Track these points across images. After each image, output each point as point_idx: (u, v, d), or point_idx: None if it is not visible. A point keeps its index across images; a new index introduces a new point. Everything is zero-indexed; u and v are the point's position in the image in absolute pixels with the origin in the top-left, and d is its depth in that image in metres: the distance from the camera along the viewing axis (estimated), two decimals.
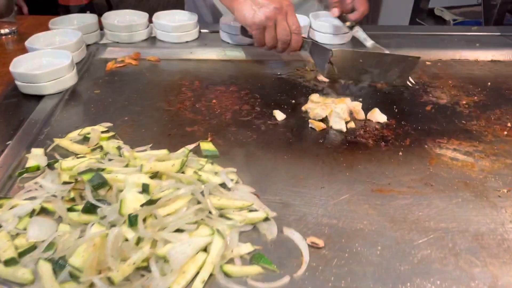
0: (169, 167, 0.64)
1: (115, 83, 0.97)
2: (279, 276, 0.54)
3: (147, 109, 0.88)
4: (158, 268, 0.52)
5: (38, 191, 0.64)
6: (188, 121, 0.84)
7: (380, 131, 0.83)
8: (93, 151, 0.72)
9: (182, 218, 0.57)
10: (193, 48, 1.11)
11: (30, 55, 0.91)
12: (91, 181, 0.60)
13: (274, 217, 0.62)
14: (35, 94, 0.87)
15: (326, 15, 1.18)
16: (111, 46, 1.10)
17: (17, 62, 0.88)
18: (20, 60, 0.89)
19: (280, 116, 0.86)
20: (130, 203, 0.57)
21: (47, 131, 0.79)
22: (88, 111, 0.87)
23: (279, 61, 1.09)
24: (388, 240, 0.59)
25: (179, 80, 0.99)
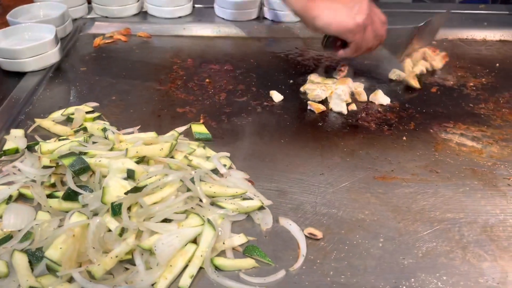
0: (157, 151, 0.60)
1: (102, 60, 0.91)
2: (274, 270, 0.50)
3: (136, 88, 0.83)
4: (143, 262, 0.48)
5: (16, 176, 0.60)
6: (180, 101, 0.79)
7: (383, 114, 0.78)
8: (76, 133, 0.67)
9: (170, 207, 0.52)
10: (186, 24, 1.05)
11: (11, 29, 0.86)
12: (72, 166, 0.56)
13: (270, 205, 0.58)
14: (16, 71, 0.82)
15: None
16: (99, 20, 1.04)
17: None
18: (1, 35, 0.84)
19: (277, 97, 0.81)
20: (113, 191, 0.53)
21: (28, 111, 0.74)
22: (73, 89, 0.81)
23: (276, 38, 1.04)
24: (391, 232, 0.56)
25: (170, 57, 0.94)
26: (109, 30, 1.00)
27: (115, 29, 1.01)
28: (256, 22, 1.08)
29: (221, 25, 1.06)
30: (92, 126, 0.67)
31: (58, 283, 0.46)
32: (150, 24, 1.05)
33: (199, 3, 1.14)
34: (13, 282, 0.46)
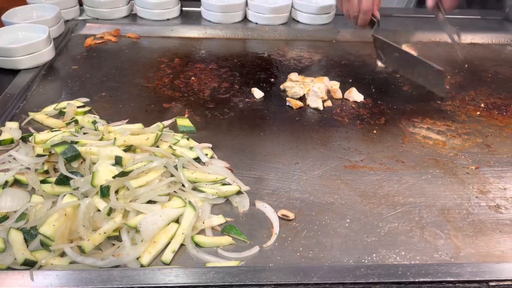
0: (143, 141, 0.64)
1: (93, 59, 0.96)
2: (249, 246, 0.55)
3: (125, 85, 0.87)
4: (129, 238, 0.53)
5: (11, 164, 0.64)
6: (166, 97, 0.84)
7: (356, 110, 0.84)
8: (68, 125, 0.72)
9: (154, 190, 0.57)
10: (174, 26, 1.10)
11: (6, 29, 0.90)
12: (64, 154, 0.60)
13: (247, 191, 0.63)
14: (10, 68, 0.86)
15: None
16: (90, 22, 1.09)
17: None
18: None
19: (258, 94, 0.86)
20: (102, 175, 0.57)
21: (22, 106, 0.79)
22: (65, 86, 0.86)
23: (259, 40, 1.09)
24: (357, 214, 0.61)
25: (158, 57, 0.99)
26: (100, 31, 1.05)
27: (106, 30, 1.06)
28: (240, 25, 1.13)
29: (207, 27, 1.11)
30: (83, 119, 0.72)
31: (51, 257, 0.51)
32: (139, 25, 1.10)
33: (187, 6, 1.19)
34: (9, 256, 0.51)
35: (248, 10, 1.14)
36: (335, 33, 1.12)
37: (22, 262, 0.49)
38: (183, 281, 0.48)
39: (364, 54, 1.05)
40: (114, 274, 0.48)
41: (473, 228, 0.60)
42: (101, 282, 0.47)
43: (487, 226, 0.60)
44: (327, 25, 1.15)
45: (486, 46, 1.13)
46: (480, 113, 0.85)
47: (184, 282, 0.48)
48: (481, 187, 0.67)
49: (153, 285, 0.48)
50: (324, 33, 1.12)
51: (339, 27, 1.14)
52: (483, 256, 0.56)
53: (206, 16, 1.14)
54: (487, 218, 0.61)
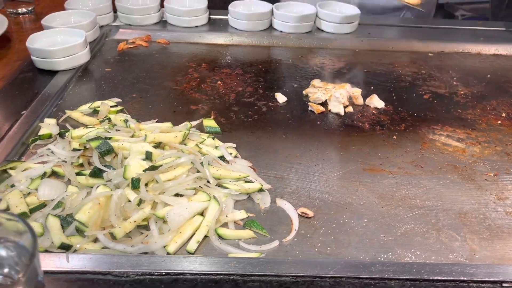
0: (172, 138, 0.68)
1: (125, 63, 1.01)
2: (269, 240, 0.58)
3: (155, 87, 0.92)
4: (157, 228, 0.56)
5: (49, 157, 0.69)
6: (193, 100, 0.88)
7: (377, 116, 0.86)
8: (101, 123, 0.76)
9: (181, 184, 0.61)
10: (202, 33, 1.15)
11: (46, 33, 0.96)
12: (98, 148, 0.65)
13: (269, 189, 0.66)
14: (49, 69, 0.91)
15: (333, 5, 1.21)
16: (123, 28, 1.14)
17: (33, 38, 0.93)
18: (36, 37, 0.94)
19: (281, 98, 0.89)
20: (133, 169, 0.61)
21: (59, 104, 0.84)
22: (99, 87, 0.91)
23: (284, 47, 1.13)
24: (375, 214, 0.63)
25: (186, 62, 1.03)
26: (132, 36, 1.10)
27: (137, 35, 1.11)
28: (266, 33, 1.17)
29: (234, 34, 1.15)
30: (115, 117, 0.77)
31: (84, 242, 0.55)
32: (169, 32, 1.14)
33: (215, 15, 1.23)
34: (47, 239, 0.55)
35: (274, 19, 1.18)
36: (358, 42, 1.15)
37: (58, 246, 0.53)
38: (206, 269, 0.51)
39: (386, 63, 1.07)
40: (143, 259, 0.52)
41: (489, 232, 0.61)
42: (130, 267, 0.51)
43: (504, 231, 0.61)
44: (351, 34, 1.18)
45: (509, 57, 1.13)
46: (501, 122, 0.85)
47: (207, 270, 0.51)
48: (499, 194, 0.68)
49: (179, 271, 0.51)
50: (347, 42, 1.15)
51: (362, 37, 1.16)
52: (498, 259, 0.57)
53: (233, 24, 1.18)
54: (504, 223, 0.62)
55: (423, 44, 1.15)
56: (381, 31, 1.21)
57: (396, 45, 1.14)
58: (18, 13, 1.22)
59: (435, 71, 1.04)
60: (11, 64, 0.94)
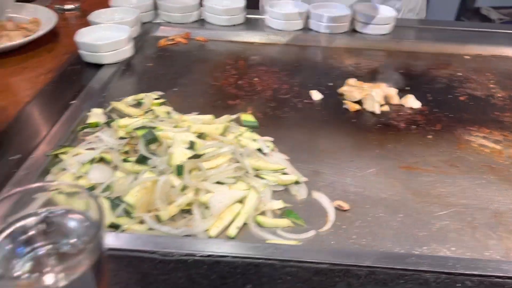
0: (214, 130, 0.71)
1: (166, 59, 1.05)
2: (306, 230, 0.60)
3: (195, 82, 0.95)
4: (199, 212, 0.59)
5: (97, 144, 0.73)
6: (231, 95, 0.91)
7: (412, 116, 0.87)
8: (145, 114, 0.80)
9: (223, 172, 0.63)
10: (239, 31, 1.18)
11: (92, 28, 1.01)
12: (144, 136, 0.68)
13: (305, 182, 0.68)
14: (95, 62, 0.96)
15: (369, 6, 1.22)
16: (163, 25, 1.18)
17: (81, 33, 0.98)
18: (84, 32, 0.99)
19: (317, 96, 0.91)
20: (177, 157, 0.64)
21: (105, 96, 0.88)
22: (141, 80, 0.95)
23: (319, 47, 1.14)
24: (410, 210, 0.64)
25: (224, 59, 1.06)
26: (172, 34, 1.14)
27: (177, 33, 1.15)
28: (301, 32, 1.19)
29: (270, 33, 1.17)
30: (158, 109, 0.80)
31: (132, 223, 0.58)
32: (207, 30, 1.18)
33: (252, 14, 1.26)
34: None
35: (309, 19, 1.20)
36: (393, 44, 1.15)
37: (109, 225, 0.57)
38: (246, 252, 0.53)
39: (421, 64, 1.07)
40: (186, 241, 0.55)
41: None
42: (175, 247, 0.54)
43: None
44: (387, 35, 1.18)
45: None
46: None
47: (248, 253, 0.53)
48: None
49: (221, 254, 0.53)
50: (384, 43, 1.15)
51: (399, 38, 1.16)
52: None
53: (269, 23, 1.20)
54: None
55: (459, 47, 1.14)
56: (417, 33, 1.21)
57: (432, 47, 1.14)
58: (64, 9, 1.28)
59: (472, 73, 1.04)
60: (60, 57, 1.00)
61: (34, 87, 0.87)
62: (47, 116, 0.79)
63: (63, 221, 0.40)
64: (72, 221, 0.40)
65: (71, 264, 0.35)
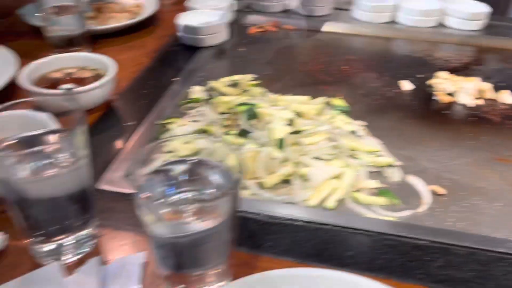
0: (310, 110, 0.74)
1: (257, 44, 1.09)
2: (402, 209, 0.61)
3: (285, 67, 0.99)
4: (299, 183, 0.62)
5: (199, 117, 0.78)
6: (322, 81, 0.94)
7: (507, 110, 0.85)
8: (243, 93, 0.84)
9: (321, 149, 0.66)
10: (326, 22, 1.20)
11: (191, 13, 1.07)
12: (246, 112, 0.73)
13: (399, 165, 0.69)
14: (193, 45, 1.02)
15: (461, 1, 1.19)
16: (252, 13, 1.23)
17: (181, 17, 1.04)
18: (184, 16, 1.05)
19: (407, 86, 0.91)
20: (278, 131, 0.68)
21: (202, 75, 0.94)
22: (234, 63, 1.00)
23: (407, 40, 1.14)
24: (508, 200, 0.63)
25: (312, 47, 1.09)
26: (262, 21, 1.19)
27: (266, 21, 1.19)
28: (388, 25, 1.18)
29: (357, 25, 1.18)
30: (255, 90, 0.84)
31: None
32: (295, 19, 1.21)
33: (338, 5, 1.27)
34: None
35: (398, 12, 1.19)
36: (486, 40, 1.12)
37: None
38: (345, 223, 0.56)
39: None
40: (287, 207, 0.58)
41: None
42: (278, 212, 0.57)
43: None
44: (478, 32, 1.15)
45: None
46: None
47: (347, 224, 0.56)
48: None
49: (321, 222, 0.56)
50: (475, 39, 1.13)
51: (491, 35, 1.13)
52: None
53: (356, 15, 1.21)
54: None
55: None
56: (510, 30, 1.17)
57: None
58: None
59: None
60: (160, 39, 1.07)
61: (139, 64, 0.95)
62: (153, 90, 0.86)
63: (205, 171, 0.45)
64: (212, 172, 0.44)
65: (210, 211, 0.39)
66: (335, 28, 1.18)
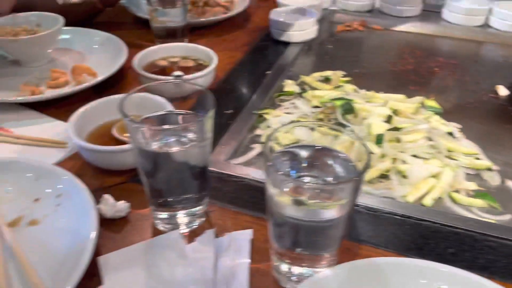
0: (407, 109, 0.75)
1: (344, 42, 1.11)
2: (501, 213, 0.61)
3: (374, 66, 1.00)
4: (397, 178, 0.64)
5: (293, 109, 0.81)
6: (411, 82, 0.93)
7: None
8: (335, 88, 0.86)
9: (419, 147, 0.67)
10: (415, 22, 1.19)
11: (283, 9, 1.11)
12: (342, 106, 0.75)
13: (497, 170, 0.68)
14: (284, 40, 1.06)
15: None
16: (340, 12, 1.25)
17: (274, 12, 1.08)
18: (276, 12, 1.09)
19: (503, 91, 0.89)
20: (376, 127, 0.70)
21: (292, 70, 0.97)
22: (323, 60, 1.02)
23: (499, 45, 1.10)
24: None
25: (401, 47, 1.09)
26: (348, 20, 1.20)
27: (353, 20, 1.20)
28: (480, 29, 1.15)
29: (447, 27, 1.16)
30: (347, 86, 0.86)
31: None
32: (382, 19, 1.21)
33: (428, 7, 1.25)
34: None
35: (491, 16, 1.16)
36: None
37: None
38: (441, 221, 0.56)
39: None
40: (387, 201, 0.60)
41: None
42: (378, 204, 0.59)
43: None
44: None
45: None
46: None
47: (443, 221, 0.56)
48: None
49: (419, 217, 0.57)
50: None
51: None
52: None
53: (446, 17, 1.19)
54: None
55: None
56: None
57: None
58: None
59: None
60: (251, 33, 1.12)
61: (233, 57, 0.99)
62: (248, 81, 0.90)
63: (325, 158, 0.47)
64: (334, 160, 0.47)
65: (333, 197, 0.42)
66: (424, 30, 1.17)
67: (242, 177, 0.64)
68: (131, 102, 0.51)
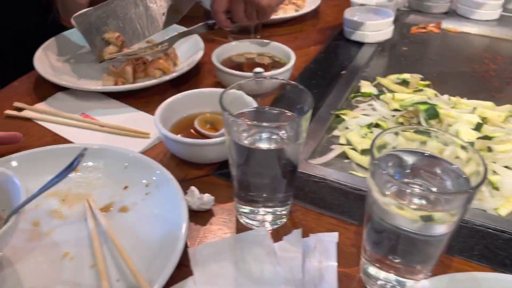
0: (496, 117, 0.71)
1: (419, 44, 1.07)
2: None
3: (453, 70, 0.96)
4: (488, 190, 0.61)
5: (371, 111, 0.79)
6: (495, 88, 0.89)
7: None
8: (414, 92, 0.83)
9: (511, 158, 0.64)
10: (493, 27, 1.13)
11: (358, 8, 1.08)
12: (426, 111, 0.72)
13: None
14: (358, 40, 1.03)
15: None
16: (414, 13, 1.21)
17: (348, 12, 1.06)
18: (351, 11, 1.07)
19: None
20: (464, 135, 0.67)
21: (368, 71, 0.95)
22: (399, 62, 0.99)
23: None
24: None
25: (480, 52, 1.04)
26: (422, 22, 1.16)
27: (427, 21, 1.16)
28: None
29: None
30: (428, 90, 0.83)
31: None
32: (458, 22, 1.16)
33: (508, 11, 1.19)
34: None
35: None
36: None
37: None
38: None
39: None
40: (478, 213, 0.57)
41: None
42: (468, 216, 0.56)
43: None
44: None
45: None
46: None
47: None
48: None
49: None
50: None
51: None
52: None
53: None
54: None
55: None
56: None
57: None
58: None
59: None
60: (323, 32, 1.10)
61: (306, 55, 0.98)
62: (323, 81, 0.89)
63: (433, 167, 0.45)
64: (443, 171, 0.45)
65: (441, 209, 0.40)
66: (503, 34, 1.11)
67: (323, 178, 0.63)
68: (228, 97, 0.51)
